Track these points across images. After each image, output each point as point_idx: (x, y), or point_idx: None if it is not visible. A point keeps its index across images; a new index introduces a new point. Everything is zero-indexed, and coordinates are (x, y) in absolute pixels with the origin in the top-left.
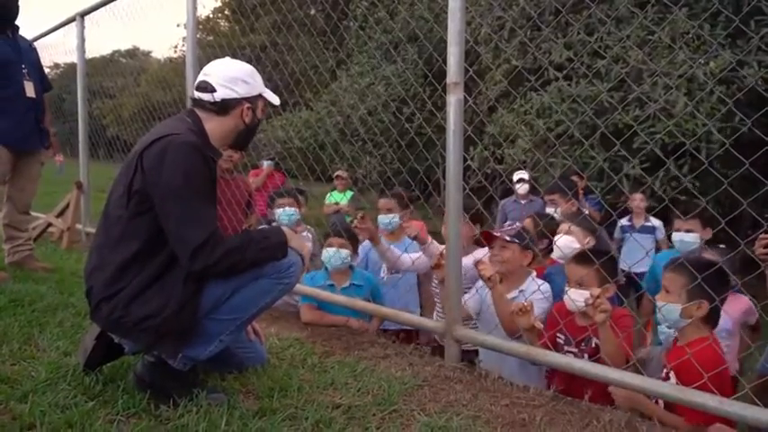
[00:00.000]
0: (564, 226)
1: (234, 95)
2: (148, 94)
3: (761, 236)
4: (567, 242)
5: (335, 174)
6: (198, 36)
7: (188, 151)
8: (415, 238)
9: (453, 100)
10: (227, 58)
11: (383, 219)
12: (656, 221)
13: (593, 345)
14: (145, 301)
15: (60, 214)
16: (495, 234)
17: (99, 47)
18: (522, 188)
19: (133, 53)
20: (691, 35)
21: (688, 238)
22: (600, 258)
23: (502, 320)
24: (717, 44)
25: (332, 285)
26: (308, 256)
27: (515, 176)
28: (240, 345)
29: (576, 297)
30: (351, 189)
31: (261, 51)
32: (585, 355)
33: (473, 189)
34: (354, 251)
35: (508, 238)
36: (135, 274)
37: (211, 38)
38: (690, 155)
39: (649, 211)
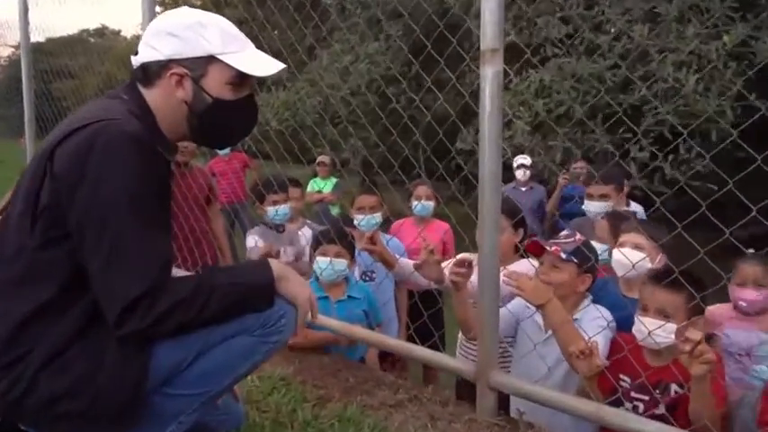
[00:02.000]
0: (631, 236)
1: (155, 57)
2: (111, 73)
3: None
4: (637, 258)
5: (318, 160)
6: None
7: (127, 145)
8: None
9: (490, 73)
10: (183, 8)
11: (362, 218)
12: (636, 207)
13: (673, 393)
14: (61, 371)
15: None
16: (546, 247)
17: (66, 26)
18: (522, 174)
19: (102, 32)
20: (700, 7)
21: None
22: (689, 282)
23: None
24: (728, 17)
25: (326, 298)
26: (307, 304)
27: (515, 161)
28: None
29: (658, 332)
30: (334, 175)
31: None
32: (661, 407)
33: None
34: (351, 258)
35: (564, 256)
36: (46, 330)
37: None
38: (700, 136)
39: (632, 197)
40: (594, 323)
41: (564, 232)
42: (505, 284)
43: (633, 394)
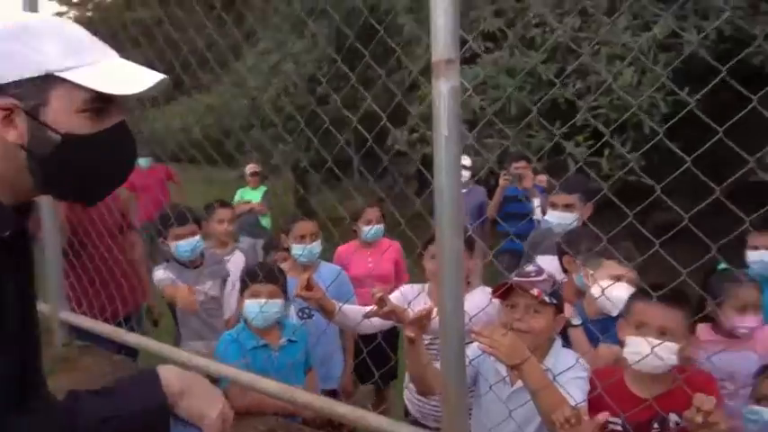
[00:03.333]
0: (610, 264)
1: None
2: None
3: None
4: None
5: (247, 170)
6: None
7: None
8: (322, 309)
9: (445, 89)
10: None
11: (301, 249)
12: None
13: (673, 425)
14: None
15: None
16: (522, 285)
17: None
18: (462, 175)
19: None
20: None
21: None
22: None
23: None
24: (658, 9)
25: (265, 346)
26: (218, 424)
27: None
28: None
29: (659, 352)
30: (264, 184)
31: (156, 26)
32: None
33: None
34: (284, 293)
35: (547, 300)
36: None
37: (91, 13)
38: (634, 130)
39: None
40: (571, 373)
41: (530, 267)
42: (475, 343)
43: None
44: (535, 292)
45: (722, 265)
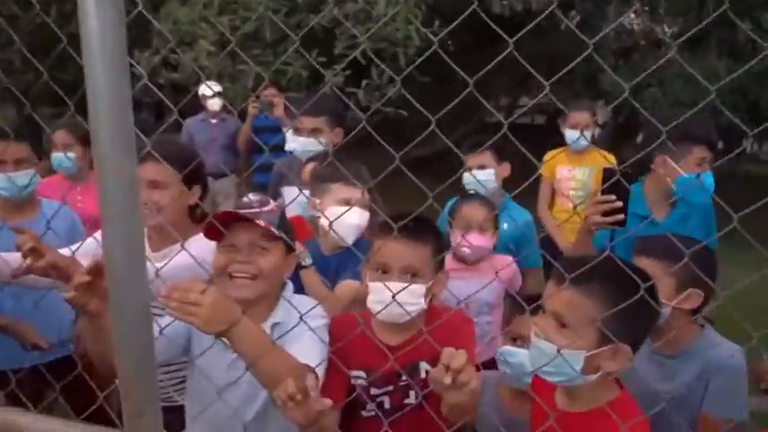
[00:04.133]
0: (336, 188)
1: None
2: None
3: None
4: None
5: None
6: None
7: None
8: None
9: None
10: None
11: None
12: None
13: (424, 373)
14: None
15: None
16: (243, 217)
17: None
18: (213, 104)
19: None
20: None
21: (482, 175)
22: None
23: None
24: None
25: None
26: None
27: (202, 90)
28: None
29: (405, 297)
30: None
31: None
32: (412, 394)
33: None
34: None
35: (276, 232)
36: None
37: None
38: (391, 61)
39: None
40: (305, 327)
41: (252, 197)
42: (165, 305)
43: (374, 391)
44: (261, 223)
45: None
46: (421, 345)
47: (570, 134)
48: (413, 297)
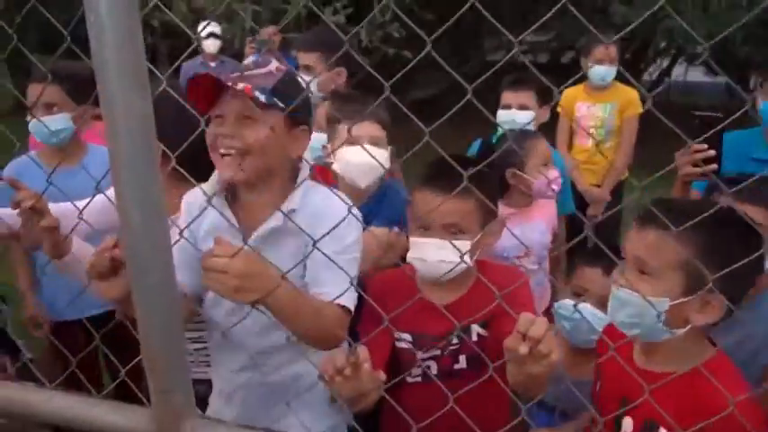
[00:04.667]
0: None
1: None
2: None
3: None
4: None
5: None
6: None
7: None
8: None
9: None
10: None
11: None
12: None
13: (476, 336)
14: None
15: None
16: (219, 78)
17: None
18: (210, 45)
19: None
20: None
21: (522, 117)
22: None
23: None
24: None
25: None
26: None
27: (200, 29)
28: None
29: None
30: None
31: None
32: (462, 359)
33: None
34: None
35: (264, 99)
36: None
37: None
38: None
39: None
40: (348, 238)
41: (253, 57)
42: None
43: (420, 355)
44: (240, 86)
45: (499, 132)
46: (472, 305)
47: (597, 70)
48: (455, 255)
